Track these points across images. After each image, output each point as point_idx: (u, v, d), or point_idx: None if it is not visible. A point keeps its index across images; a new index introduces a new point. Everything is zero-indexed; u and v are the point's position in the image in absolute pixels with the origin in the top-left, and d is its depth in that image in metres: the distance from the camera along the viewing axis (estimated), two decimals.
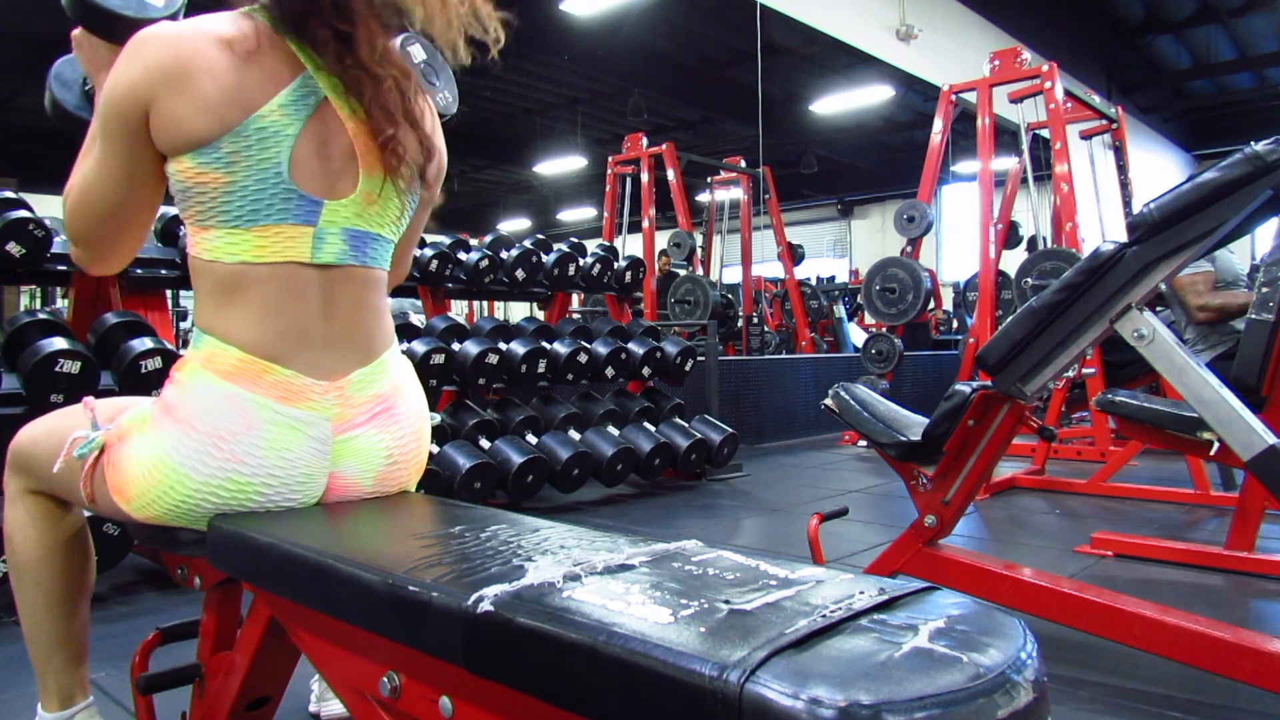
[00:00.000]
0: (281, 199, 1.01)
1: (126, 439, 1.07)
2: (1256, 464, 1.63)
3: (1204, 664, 1.64)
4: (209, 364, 1.03)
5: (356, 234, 1.08)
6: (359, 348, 1.10)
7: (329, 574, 0.83)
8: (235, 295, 1.03)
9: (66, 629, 1.23)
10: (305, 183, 1.02)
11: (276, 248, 1.02)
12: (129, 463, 1.04)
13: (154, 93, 0.98)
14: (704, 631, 0.60)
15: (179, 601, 2.33)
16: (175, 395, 1.04)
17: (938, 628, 0.61)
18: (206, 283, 1.05)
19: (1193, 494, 3.62)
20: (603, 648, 0.60)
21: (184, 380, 1.04)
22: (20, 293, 8.08)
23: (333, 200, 1.05)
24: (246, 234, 1.01)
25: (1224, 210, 1.63)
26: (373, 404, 1.10)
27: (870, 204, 16.90)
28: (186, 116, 0.98)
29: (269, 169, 1.00)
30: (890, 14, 8.18)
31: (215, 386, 1.02)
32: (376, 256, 1.12)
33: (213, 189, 1.01)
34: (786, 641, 0.57)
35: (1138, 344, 1.72)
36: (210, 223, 1.02)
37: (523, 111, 12.61)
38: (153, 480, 1.02)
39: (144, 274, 3.23)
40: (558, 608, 0.66)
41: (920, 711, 0.51)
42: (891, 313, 5.73)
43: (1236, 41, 10.94)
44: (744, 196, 8.73)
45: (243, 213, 1.01)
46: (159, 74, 0.98)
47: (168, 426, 1.03)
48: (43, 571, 1.21)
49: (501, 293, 4.37)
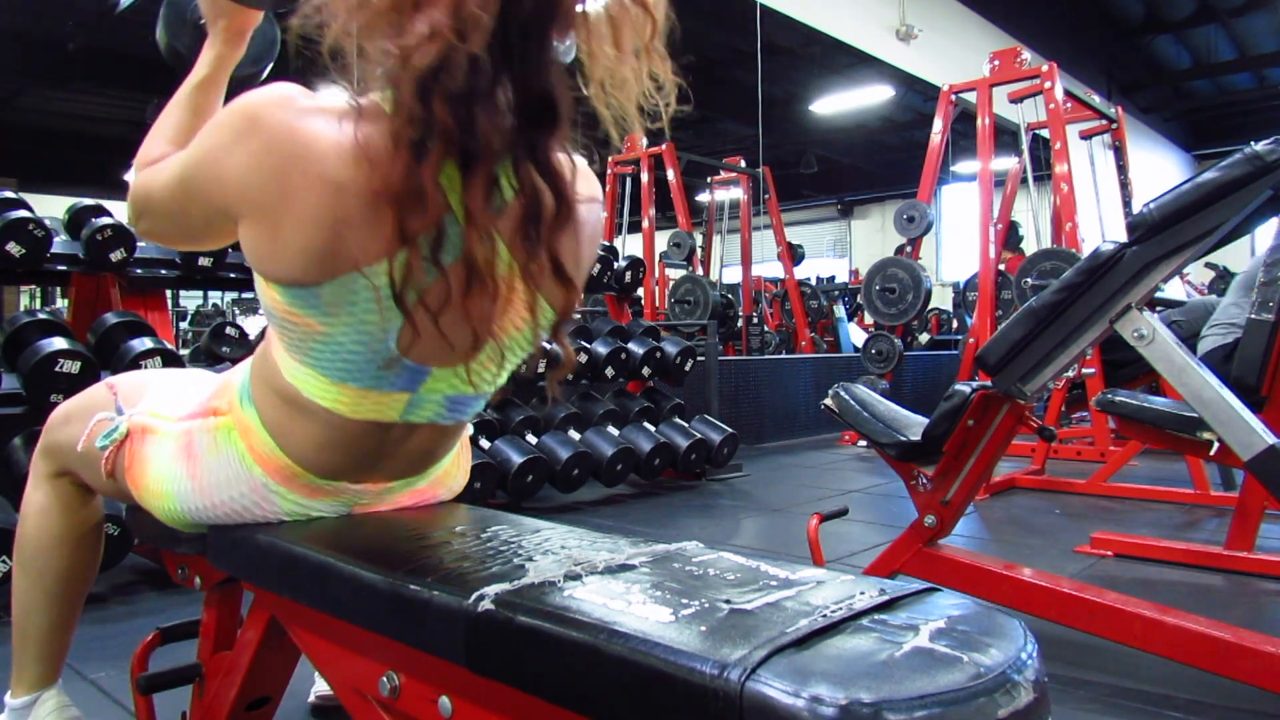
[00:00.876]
0: (383, 366, 0.86)
1: (147, 437, 1.04)
2: (1256, 464, 1.63)
3: (1204, 664, 1.64)
4: (248, 439, 0.95)
5: (459, 399, 0.95)
6: (417, 467, 1.02)
7: (330, 573, 0.83)
8: (304, 417, 0.92)
9: (58, 621, 1.22)
10: (414, 351, 0.86)
11: (364, 408, 0.90)
12: (145, 464, 1.03)
13: (247, 209, 0.82)
14: (705, 631, 0.60)
15: (179, 601, 2.33)
16: (202, 446, 0.98)
17: (938, 628, 0.61)
18: (274, 384, 0.93)
19: (1193, 494, 3.62)
20: (604, 646, 0.60)
21: (216, 437, 0.97)
22: (20, 293, 8.07)
23: (441, 368, 0.90)
24: (334, 386, 0.88)
25: (1224, 210, 1.63)
26: (408, 497, 1.06)
27: (870, 204, 16.90)
28: (283, 254, 0.80)
29: (373, 333, 0.84)
30: (890, 14, 8.18)
31: (244, 469, 0.96)
32: (472, 411, 1.00)
33: (303, 331, 0.85)
34: (787, 640, 0.57)
35: (1138, 344, 1.72)
36: (296, 357, 0.89)
37: None
38: (158, 497, 1.02)
39: (144, 274, 3.23)
40: (559, 607, 0.66)
41: (921, 710, 0.51)
42: (891, 313, 5.73)
43: (1236, 41, 10.94)
44: (744, 196, 8.72)
45: (334, 368, 0.87)
46: (258, 188, 0.79)
47: (181, 469, 0.99)
48: (51, 560, 1.19)
49: None
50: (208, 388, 1.05)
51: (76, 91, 10.36)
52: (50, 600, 1.20)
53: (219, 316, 9.88)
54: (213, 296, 11.69)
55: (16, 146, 11.56)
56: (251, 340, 3.74)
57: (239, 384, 0.99)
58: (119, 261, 3.02)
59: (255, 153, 0.79)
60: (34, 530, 1.20)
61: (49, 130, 12.11)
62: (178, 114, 1.08)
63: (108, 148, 12.79)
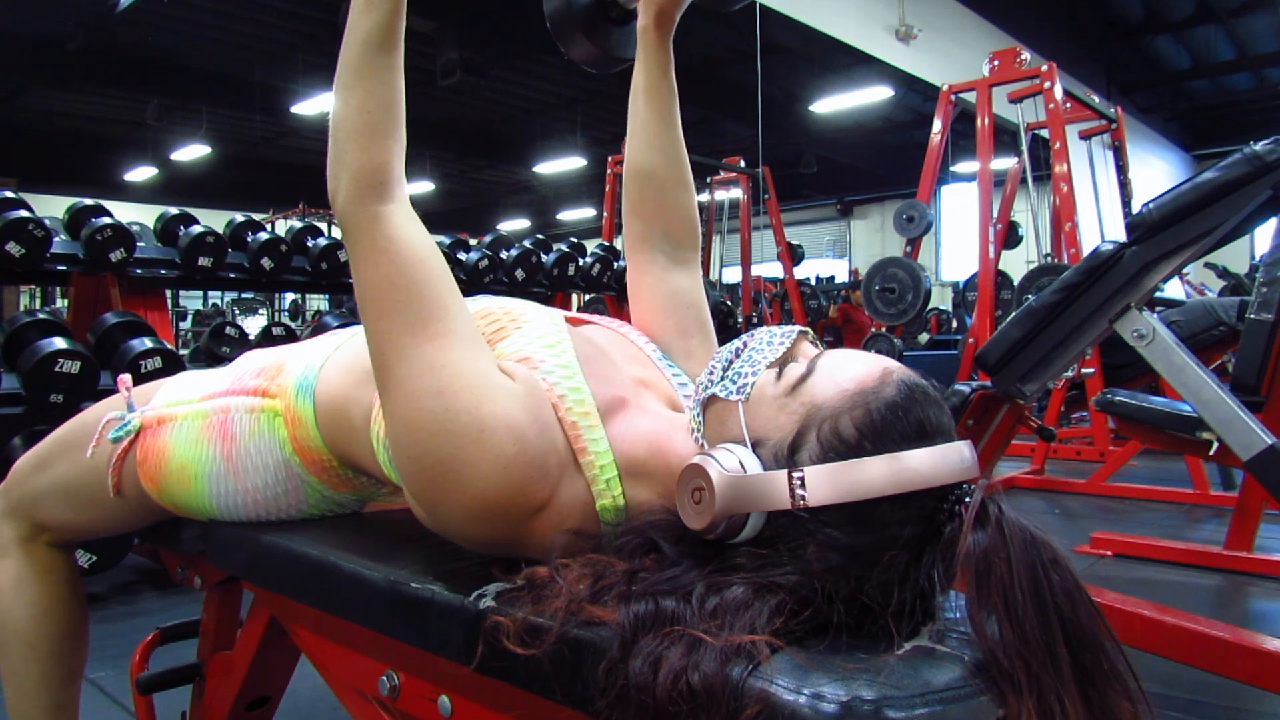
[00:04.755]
0: None
1: (164, 426, 0.99)
2: (1256, 464, 1.63)
3: (1203, 664, 1.64)
4: (294, 430, 0.95)
5: None
6: None
7: (330, 572, 0.83)
8: (360, 442, 0.91)
9: (61, 697, 1.09)
10: None
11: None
12: (166, 453, 0.98)
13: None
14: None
15: (179, 601, 2.33)
16: (241, 427, 0.97)
17: (939, 628, 0.61)
18: (343, 414, 0.92)
19: (1192, 494, 3.62)
20: (604, 644, 0.60)
21: (261, 420, 0.96)
22: (20, 293, 8.07)
23: None
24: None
25: (1223, 210, 1.63)
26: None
27: (870, 204, 16.89)
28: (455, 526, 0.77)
29: None
30: (890, 14, 8.18)
31: (283, 457, 0.96)
32: None
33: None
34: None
35: (1137, 344, 1.72)
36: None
37: (523, 111, 12.60)
38: (183, 483, 0.99)
39: (144, 274, 3.23)
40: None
41: (922, 708, 0.51)
42: (891, 313, 5.72)
43: (1236, 41, 10.94)
44: (743, 196, 8.72)
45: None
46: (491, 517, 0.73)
47: (214, 450, 0.97)
48: (41, 629, 1.07)
49: (501, 293, 4.36)
50: (242, 365, 1.03)
51: (76, 91, 10.36)
52: (48, 677, 1.08)
53: (219, 316, 9.87)
54: (213, 296, 11.68)
55: (16, 146, 11.55)
56: (253, 340, 3.75)
57: (298, 375, 0.97)
58: (119, 261, 3.02)
59: (514, 469, 0.72)
60: (12, 604, 1.06)
61: (49, 130, 12.12)
62: (363, 83, 0.80)
63: (108, 148, 12.82)
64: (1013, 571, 0.56)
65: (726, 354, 0.74)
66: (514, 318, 0.86)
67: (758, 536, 0.65)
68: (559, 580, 0.65)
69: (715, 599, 0.60)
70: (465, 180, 16.58)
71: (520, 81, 11.19)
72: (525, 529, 0.73)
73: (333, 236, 4.53)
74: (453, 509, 0.73)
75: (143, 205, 11.59)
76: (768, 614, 0.58)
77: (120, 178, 13.87)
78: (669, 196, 1.04)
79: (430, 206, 17.02)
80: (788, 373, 0.69)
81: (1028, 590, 0.55)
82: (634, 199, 1.05)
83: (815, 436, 0.65)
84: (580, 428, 0.76)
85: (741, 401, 0.69)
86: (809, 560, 0.62)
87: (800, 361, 0.70)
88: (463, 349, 0.75)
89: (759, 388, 0.70)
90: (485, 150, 14.14)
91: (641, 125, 1.03)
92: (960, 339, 6.49)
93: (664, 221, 1.04)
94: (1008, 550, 0.57)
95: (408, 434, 0.73)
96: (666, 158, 1.03)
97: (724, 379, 0.72)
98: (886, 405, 0.64)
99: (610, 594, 0.63)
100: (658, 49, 1.02)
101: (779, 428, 0.67)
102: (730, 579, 0.62)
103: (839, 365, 0.68)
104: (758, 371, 0.70)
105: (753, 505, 0.64)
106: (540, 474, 0.72)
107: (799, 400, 0.67)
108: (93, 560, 2.12)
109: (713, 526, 0.64)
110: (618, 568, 0.65)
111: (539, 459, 0.72)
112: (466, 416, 0.71)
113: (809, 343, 0.74)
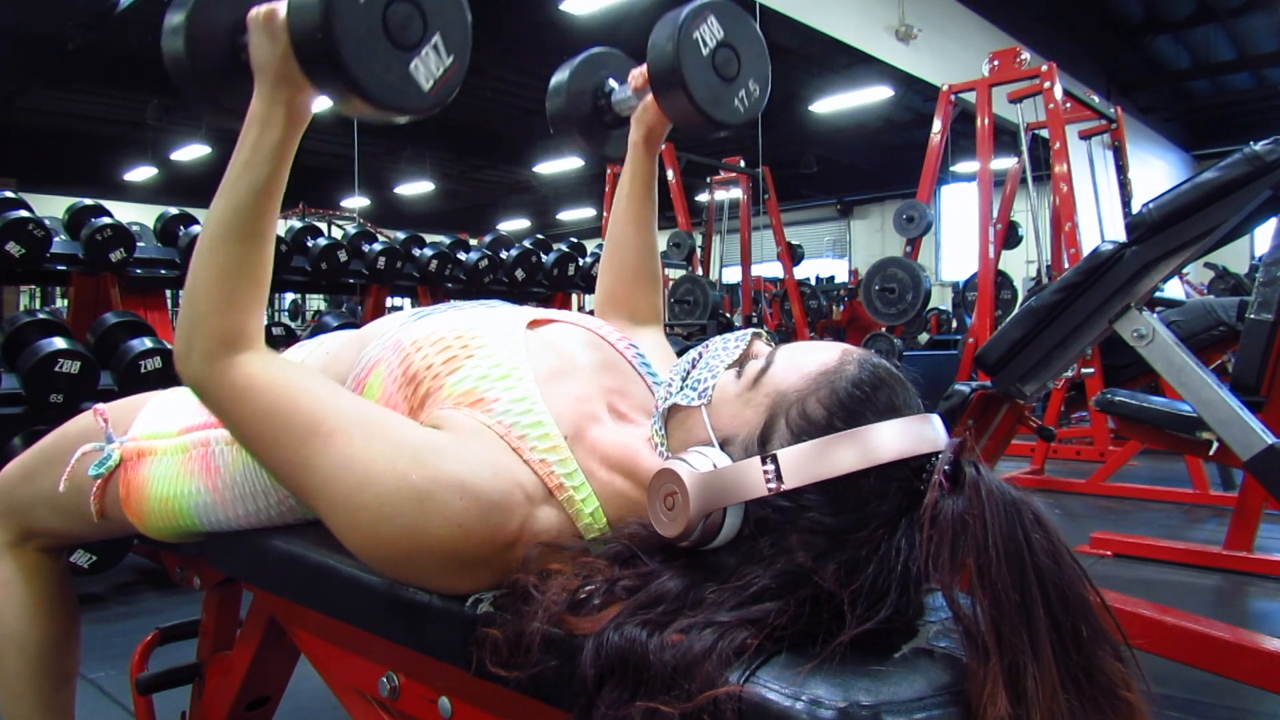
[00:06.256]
0: None
1: (144, 460, 0.98)
2: (1255, 464, 1.63)
3: (1204, 664, 1.64)
4: None
5: None
6: None
7: (330, 574, 0.83)
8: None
9: (54, 699, 1.08)
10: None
11: None
12: (147, 487, 0.97)
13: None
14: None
15: (179, 601, 2.33)
16: (225, 459, 0.95)
17: (937, 629, 0.61)
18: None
19: (1192, 494, 3.62)
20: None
21: (242, 451, 0.93)
22: (20, 293, 8.07)
23: None
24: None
25: (1223, 210, 1.63)
26: None
27: (870, 204, 16.89)
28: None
29: None
30: (890, 14, 8.17)
31: (268, 480, 0.94)
32: None
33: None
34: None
35: (1137, 344, 1.72)
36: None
37: (523, 111, 12.59)
38: (169, 517, 0.98)
39: (144, 274, 3.23)
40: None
41: (920, 713, 0.51)
42: (891, 313, 5.72)
43: (1236, 41, 10.94)
44: (743, 196, 8.71)
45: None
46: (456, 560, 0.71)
47: (198, 484, 0.95)
48: (32, 632, 1.05)
49: (501, 293, 4.37)
50: None
51: (76, 91, 10.35)
52: (39, 680, 1.06)
53: None
54: None
55: (16, 146, 11.55)
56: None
57: None
58: (119, 261, 3.03)
59: (477, 537, 0.71)
60: (2, 608, 1.05)
61: (49, 130, 12.10)
62: (228, 248, 0.79)
63: (108, 148, 12.81)
64: (988, 532, 0.55)
65: (684, 365, 0.75)
66: (465, 344, 0.82)
67: (737, 537, 0.64)
68: (536, 595, 0.65)
69: (672, 653, 0.56)
70: (465, 180, 16.56)
71: (520, 81, 11.18)
72: (505, 561, 0.71)
73: (332, 237, 4.54)
74: (431, 576, 0.73)
75: (143, 205, 11.59)
76: (731, 654, 0.56)
77: (120, 178, 13.86)
78: (637, 288, 1.16)
79: (430, 206, 17.01)
80: (747, 370, 0.70)
81: (1003, 550, 0.54)
82: (607, 279, 1.17)
83: (784, 423, 0.65)
84: (550, 464, 0.74)
85: (704, 405, 0.70)
86: (793, 550, 0.62)
87: (758, 358, 0.71)
88: (364, 433, 0.73)
89: (720, 389, 0.70)
90: (485, 150, 14.13)
91: (620, 225, 1.16)
92: (960, 339, 6.48)
93: (630, 306, 1.15)
94: (984, 511, 0.56)
95: (354, 534, 0.73)
96: (639, 256, 1.15)
97: (684, 388, 0.72)
98: (851, 382, 0.65)
99: (587, 606, 0.62)
100: (644, 162, 1.13)
101: (746, 422, 0.67)
102: (703, 594, 0.61)
103: (798, 353, 0.69)
104: (716, 374, 0.71)
105: (728, 499, 0.63)
106: (503, 513, 0.71)
107: (763, 392, 0.68)
108: (93, 560, 2.12)
109: (689, 531, 0.63)
110: (598, 577, 0.65)
111: (498, 502, 0.70)
112: (400, 495, 0.69)
113: (763, 342, 0.74)
